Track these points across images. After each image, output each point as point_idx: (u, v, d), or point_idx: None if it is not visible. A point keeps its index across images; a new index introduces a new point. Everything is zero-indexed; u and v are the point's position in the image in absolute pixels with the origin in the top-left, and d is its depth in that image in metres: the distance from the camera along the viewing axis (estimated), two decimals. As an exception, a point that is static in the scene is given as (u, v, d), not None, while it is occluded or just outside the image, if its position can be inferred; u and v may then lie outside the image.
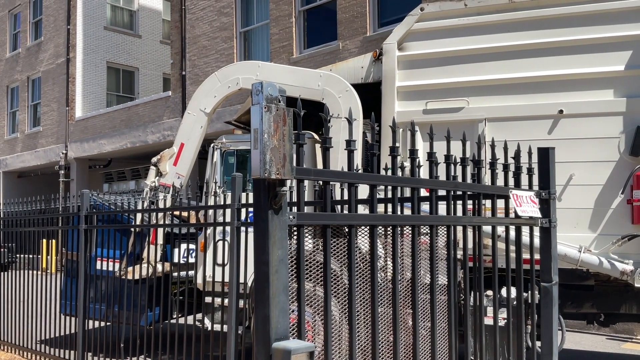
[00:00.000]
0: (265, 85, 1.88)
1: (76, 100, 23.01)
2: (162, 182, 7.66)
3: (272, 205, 1.89)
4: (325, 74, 6.87)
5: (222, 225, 5.48)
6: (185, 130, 7.74)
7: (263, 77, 7.21)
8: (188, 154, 7.69)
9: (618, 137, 5.72)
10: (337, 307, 2.85)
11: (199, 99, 7.69)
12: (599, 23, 5.90)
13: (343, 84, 6.72)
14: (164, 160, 7.71)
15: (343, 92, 6.69)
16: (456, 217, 2.86)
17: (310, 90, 6.87)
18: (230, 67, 7.81)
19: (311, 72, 7.07)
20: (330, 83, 6.80)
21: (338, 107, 6.64)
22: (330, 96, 6.74)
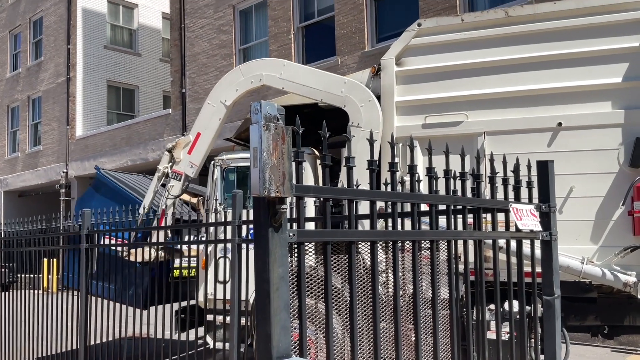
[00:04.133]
0: (264, 105, 1.90)
1: (77, 119, 23.10)
2: (175, 169, 7.65)
3: (272, 223, 1.90)
4: (350, 81, 6.75)
5: (223, 242, 5.47)
6: (203, 120, 7.66)
7: (287, 76, 7.09)
8: (203, 144, 7.61)
9: (617, 149, 5.73)
10: (340, 322, 2.84)
11: (220, 91, 7.60)
12: (595, 36, 5.94)
13: (367, 93, 6.61)
14: (178, 147, 7.67)
15: (366, 102, 6.59)
16: (457, 232, 2.86)
17: (333, 96, 6.77)
18: (255, 62, 7.70)
19: (335, 78, 6.96)
20: (354, 91, 6.68)
21: (359, 117, 6.55)
22: (352, 104, 6.63)
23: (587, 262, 5.67)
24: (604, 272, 5.63)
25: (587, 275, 5.68)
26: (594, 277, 5.68)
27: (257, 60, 7.91)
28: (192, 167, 7.63)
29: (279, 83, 7.19)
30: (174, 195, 7.68)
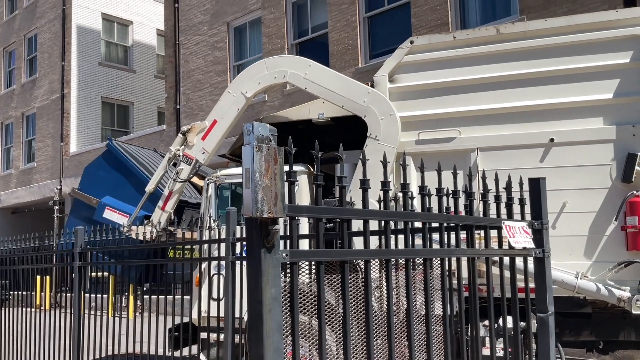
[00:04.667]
0: (256, 126, 1.91)
1: (71, 136, 23.08)
2: (187, 152, 7.63)
3: (264, 244, 1.90)
4: (374, 92, 6.64)
5: (216, 260, 5.45)
6: (222, 108, 7.60)
7: (311, 76, 7.00)
8: (218, 132, 7.57)
9: (609, 164, 5.77)
10: (334, 339, 2.83)
11: (243, 81, 7.53)
12: (586, 52, 6.00)
13: (389, 106, 6.53)
14: (193, 131, 7.63)
15: (387, 115, 6.51)
16: (450, 250, 2.87)
17: (354, 104, 6.69)
18: (281, 58, 7.69)
19: (360, 86, 6.80)
20: (377, 102, 6.58)
21: (378, 129, 6.50)
22: (373, 115, 6.56)
23: (581, 277, 5.68)
24: (598, 287, 5.64)
25: (581, 290, 5.69)
26: (589, 292, 5.69)
27: (284, 56, 7.88)
28: (204, 154, 7.58)
29: (302, 82, 7.10)
30: (182, 179, 7.67)
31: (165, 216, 7.75)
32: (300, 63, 7.24)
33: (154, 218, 7.77)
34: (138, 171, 8.85)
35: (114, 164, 9.25)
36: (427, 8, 12.11)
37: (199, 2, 17.63)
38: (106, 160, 9.44)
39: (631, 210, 5.54)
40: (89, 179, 9.33)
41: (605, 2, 9.74)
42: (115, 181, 8.13)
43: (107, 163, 9.37)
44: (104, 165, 9.44)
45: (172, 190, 7.72)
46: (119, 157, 9.21)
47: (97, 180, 9.22)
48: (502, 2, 11.43)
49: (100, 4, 24.33)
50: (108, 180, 9.07)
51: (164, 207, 7.76)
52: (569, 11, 9.95)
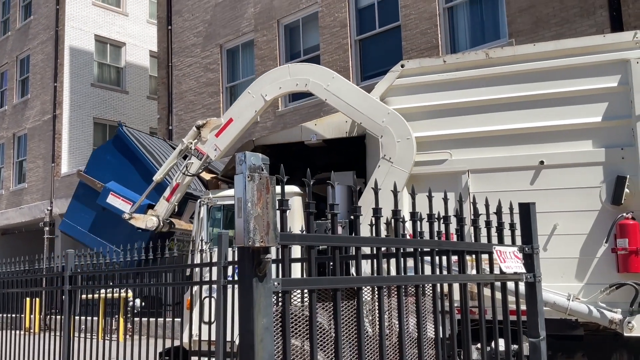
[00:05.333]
0: (249, 155, 1.93)
1: (62, 157, 23.01)
2: (199, 147, 7.57)
3: (256, 273, 1.90)
4: (394, 113, 6.57)
5: (208, 283, 5.43)
6: (239, 108, 7.56)
7: (333, 89, 6.94)
8: (233, 131, 7.51)
9: (599, 187, 5.82)
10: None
11: (264, 84, 7.47)
12: (574, 76, 6.09)
13: (407, 130, 6.46)
14: (208, 127, 7.55)
15: (403, 139, 6.45)
16: (441, 276, 2.88)
17: (373, 123, 6.63)
18: (305, 66, 7.59)
19: (380, 106, 6.69)
20: (395, 124, 6.51)
21: (393, 151, 6.45)
22: (389, 136, 6.50)
23: (573, 299, 5.69)
24: (590, 309, 5.65)
25: (573, 312, 5.70)
26: (581, 315, 5.70)
27: (308, 64, 7.70)
28: (216, 150, 7.54)
29: (323, 93, 7.04)
30: (191, 174, 7.64)
31: (169, 207, 7.76)
32: (324, 74, 7.18)
33: (157, 208, 7.78)
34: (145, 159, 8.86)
35: (122, 150, 9.25)
36: (417, 31, 12.26)
37: (192, 25, 17.76)
38: (115, 146, 9.43)
39: (621, 232, 5.58)
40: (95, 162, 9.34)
41: (593, 26, 9.90)
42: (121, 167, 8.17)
43: (115, 148, 9.37)
44: (112, 150, 9.43)
45: (180, 183, 7.72)
46: (128, 144, 9.20)
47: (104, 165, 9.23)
48: (491, 26, 11.59)
49: (94, 26, 24.45)
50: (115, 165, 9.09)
51: (169, 198, 7.77)
52: (557, 35, 10.10)
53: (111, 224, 8.67)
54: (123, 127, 9.67)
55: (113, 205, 8.15)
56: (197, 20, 17.59)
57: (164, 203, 7.75)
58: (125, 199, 7.85)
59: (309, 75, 7.16)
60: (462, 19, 12.00)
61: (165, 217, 7.71)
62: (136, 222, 7.59)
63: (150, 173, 8.53)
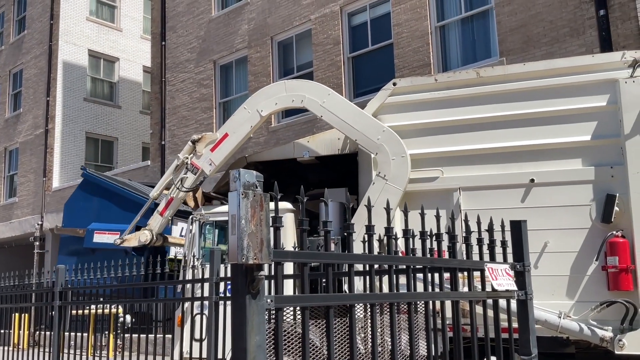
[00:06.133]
0: (243, 173, 1.94)
1: (54, 171, 22.91)
2: (194, 161, 7.56)
3: (249, 290, 1.91)
4: (389, 131, 6.59)
5: (200, 300, 5.41)
6: (235, 123, 7.55)
7: (329, 105, 6.95)
8: (228, 146, 7.51)
9: (589, 205, 5.87)
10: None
11: (260, 100, 7.47)
12: (564, 95, 6.17)
13: (402, 148, 6.51)
14: (203, 141, 7.55)
15: (398, 157, 6.49)
16: (433, 293, 2.89)
17: (368, 140, 6.64)
18: (302, 82, 7.56)
19: (375, 123, 6.71)
20: (390, 142, 6.54)
21: (388, 169, 6.48)
22: (384, 154, 6.53)
23: (564, 317, 5.71)
24: (581, 327, 5.67)
25: (564, 330, 5.71)
26: (572, 332, 5.71)
27: (305, 81, 7.67)
28: (211, 165, 7.54)
29: (319, 110, 7.07)
30: (186, 188, 7.62)
31: (163, 222, 7.74)
32: (320, 90, 7.22)
33: (151, 222, 7.78)
34: (119, 189, 8.88)
35: (92, 191, 9.30)
36: (409, 49, 12.38)
37: (186, 41, 17.85)
38: (84, 190, 9.47)
39: (611, 250, 5.62)
40: (70, 213, 9.38)
41: (582, 46, 10.04)
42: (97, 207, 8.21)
43: (85, 192, 9.40)
44: (82, 195, 9.47)
45: (174, 197, 7.70)
46: (97, 182, 9.25)
47: (79, 212, 9.27)
48: (482, 45, 11.73)
49: (87, 41, 24.49)
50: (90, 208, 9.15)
51: (163, 212, 7.76)
52: (547, 54, 10.23)
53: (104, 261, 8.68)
54: (86, 169, 9.74)
55: (101, 242, 8.17)
56: (191, 36, 17.68)
57: (158, 217, 7.75)
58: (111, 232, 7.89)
59: (305, 92, 7.19)
60: (453, 38, 12.14)
61: (158, 232, 7.70)
62: (129, 243, 7.57)
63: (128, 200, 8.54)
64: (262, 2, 15.70)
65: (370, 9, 13.50)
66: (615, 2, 9.76)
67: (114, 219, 8.45)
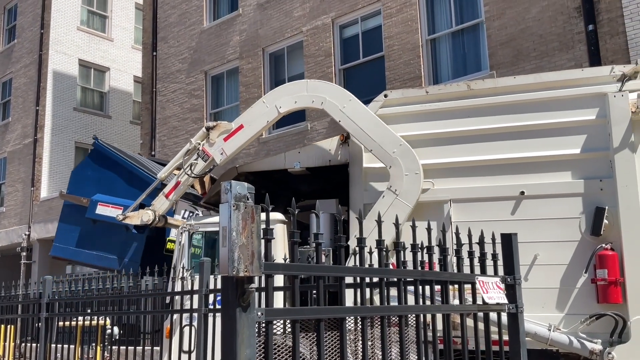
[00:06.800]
0: (234, 185, 1.93)
1: (42, 181, 22.74)
2: (205, 148, 7.46)
3: (240, 303, 1.89)
4: (405, 146, 6.50)
5: (189, 312, 5.36)
6: (251, 115, 7.45)
7: (348, 111, 6.81)
8: (242, 138, 7.41)
9: (579, 218, 5.90)
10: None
11: (279, 96, 7.34)
12: (554, 109, 6.21)
13: (416, 164, 6.43)
14: (217, 129, 7.45)
15: (412, 173, 6.41)
16: (424, 306, 2.88)
17: (383, 152, 6.55)
18: (325, 84, 7.36)
19: (393, 136, 6.59)
20: (405, 157, 6.46)
21: (400, 184, 6.41)
22: (398, 168, 6.45)
23: (554, 330, 5.71)
24: (571, 339, 5.67)
25: (554, 342, 5.71)
26: (561, 345, 5.71)
27: (328, 83, 7.48)
28: (222, 155, 7.44)
29: (338, 115, 6.92)
30: (195, 175, 7.57)
31: (167, 204, 7.71)
32: (341, 95, 7.06)
33: (155, 203, 7.74)
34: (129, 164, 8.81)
35: (101, 162, 9.21)
36: (400, 62, 12.45)
37: (177, 51, 17.84)
38: (93, 159, 9.37)
39: (601, 263, 5.64)
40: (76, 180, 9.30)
41: (571, 60, 10.14)
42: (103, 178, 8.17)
43: (94, 162, 9.31)
44: (90, 164, 9.38)
45: (181, 182, 7.67)
46: (107, 154, 9.16)
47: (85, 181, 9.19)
48: (472, 58, 11.82)
49: (78, 51, 24.43)
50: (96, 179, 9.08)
51: (169, 194, 7.71)
52: (536, 68, 10.32)
53: (104, 234, 8.65)
54: (98, 140, 9.64)
55: (103, 215, 8.15)
56: (183, 47, 17.69)
57: (163, 199, 7.72)
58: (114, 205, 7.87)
59: (326, 94, 7.05)
60: (444, 51, 12.22)
61: (161, 214, 7.66)
62: (131, 220, 7.56)
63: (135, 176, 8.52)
64: (253, 13, 15.76)
65: (361, 21, 13.58)
66: (604, 17, 9.88)
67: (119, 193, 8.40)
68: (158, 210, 7.67)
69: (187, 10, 17.75)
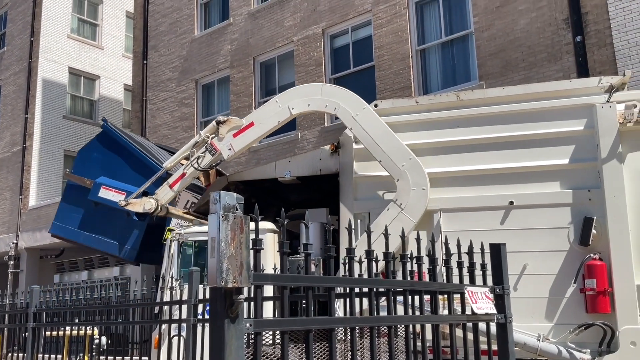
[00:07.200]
0: (223, 195, 1.93)
1: (30, 189, 22.57)
2: (214, 142, 7.40)
3: (228, 314, 1.88)
4: (415, 160, 6.45)
5: (177, 322, 5.32)
6: (263, 114, 7.39)
7: (361, 120, 6.73)
8: (251, 135, 7.37)
9: (567, 227, 5.93)
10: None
11: (293, 97, 7.27)
12: (542, 119, 6.26)
13: (424, 180, 6.38)
14: (228, 124, 7.38)
15: (419, 188, 6.36)
16: (413, 317, 2.88)
17: (392, 165, 6.49)
18: (340, 89, 7.22)
19: (404, 149, 6.53)
20: (414, 171, 6.42)
21: (406, 198, 6.37)
22: (406, 182, 6.40)
23: (543, 340, 5.73)
24: (560, 349, 5.69)
25: (543, 352, 5.72)
26: (551, 355, 5.72)
27: (343, 88, 7.26)
28: (230, 150, 7.39)
29: (350, 122, 6.84)
30: (202, 168, 7.55)
31: (170, 195, 7.69)
32: (355, 103, 6.95)
33: (159, 192, 7.72)
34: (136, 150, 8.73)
35: (108, 145, 9.10)
36: (390, 72, 12.51)
37: (168, 60, 17.83)
38: (100, 142, 9.25)
39: (589, 273, 5.67)
40: (82, 161, 9.19)
41: (560, 71, 10.23)
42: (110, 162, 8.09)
43: (101, 144, 9.19)
44: (97, 146, 9.26)
45: (187, 173, 7.64)
46: (115, 137, 9.05)
47: (91, 163, 9.08)
48: (462, 69, 11.90)
49: (68, 58, 24.35)
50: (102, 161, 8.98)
51: (173, 185, 7.68)
52: (525, 78, 10.41)
53: (105, 218, 8.56)
54: (107, 122, 9.53)
55: (106, 198, 8.10)
56: (173, 56, 17.68)
57: (167, 189, 7.69)
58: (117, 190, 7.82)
59: (340, 100, 6.98)
60: (434, 61, 12.30)
61: (164, 203, 7.64)
62: (133, 207, 7.54)
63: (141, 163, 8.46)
64: (244, 23, 15.79)
65: (352, 31, 13.64)
66: (592, 29, 9.99)
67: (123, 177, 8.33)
68: (161, 200, 7.67)
69: (178, 19, 17.76)
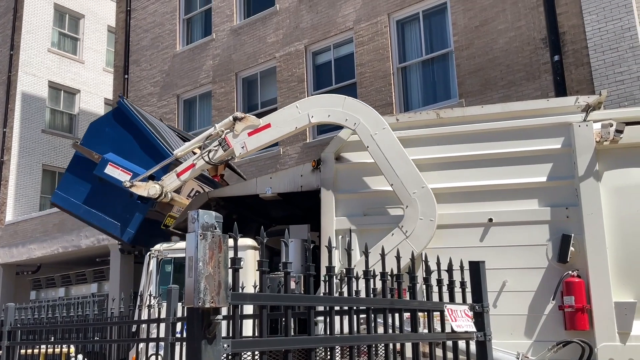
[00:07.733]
0: (202, 214, 1.91)
1: (7, 204, 22.22)
2: (228, 138, 7.28)
3: (205, 335, 1.86)
4: (427, 189, 6.33)
5: (155, 340, 5.25)
6: (281, 117, 7.26)
7: (379, 140, 6.55)
8: (266, 137, 7.25)
9: (546, 245, 5.98)
10: None
11: (314, 105, 7.15)
12: (520, 138, 6.34)
13: (433, 211, 6.27)
14: (244, 122, 7.27)
15: (427, 219, 6.25)
16: (393, 335, 2.87)
17: (403, 191, 6.37)
18: (363, 105, 7.00)
19: (418, 177, 6.40)
20: (424, 201, 6.31)
21: (412, 226, 6.25)
22: (414, 210, 6.28)
23: (522, 358, 5.74)
24: (539, 367, 5.70)
25: (523, 370, 5.73)
26: (530, 372, 5.74)
27: (364, 105, 7.07)
28: (243, 149, 7.28)
29: (368, 140, 6.64)
30: (212, 162, 7.47)
31: (176, 183, 7.65)
32: (376, 121, 6.74)
33: (165, 178, 7.66)
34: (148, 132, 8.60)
35: (122, 122, 8.92)
36: (372, 89, 12.60)
37: (150, 75, 17.78)
38: (115, 118, 9.06)
39: (567, 290, 5.71)
40: (93, 134, 9.00)
41: (538, 89, 10.40)
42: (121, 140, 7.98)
43: (115, 120, 9.00)
44: (111, 122, 9.07)
45: (196, 164, 7.56)
46: (129, 116, 8.89)
47: (102, 137, 8.90)
48: (442, 86, 12.04)
49: (48, 72, 24.15)
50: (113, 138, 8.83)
51: (180, 174, 7.60)
52: (504, 97, 10.55)
53: (108, 195, 8.43)
54: (124, 99, 9.39)
55: (111, 176, 7.99)
56: (155, 70, 17.63)
57: (174, 177, 7.62)
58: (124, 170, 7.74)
59: (361, 116, 6.81)
60: (415, 79, 12.43)
61: (169, 191, 7.57)
62: (137, 190, 7.48)
63: (152, 145, 8.37)
64: (227, 39, 15.83)
65: (334, 48, 13.74)
66: (569, 48, 10.18)
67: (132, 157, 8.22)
68: (166, 187, 7.61)
69: (160, 34, 17.74)
